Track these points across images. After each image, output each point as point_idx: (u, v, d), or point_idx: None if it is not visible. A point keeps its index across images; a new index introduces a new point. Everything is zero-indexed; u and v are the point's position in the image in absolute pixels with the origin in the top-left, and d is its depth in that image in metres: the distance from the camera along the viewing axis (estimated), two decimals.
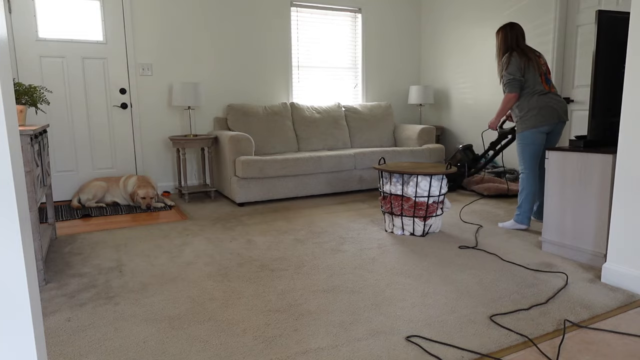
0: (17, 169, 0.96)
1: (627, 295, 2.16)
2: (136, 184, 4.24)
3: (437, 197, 3.13)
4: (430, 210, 3.12)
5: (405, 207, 3.13)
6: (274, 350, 1.72)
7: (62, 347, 1.75)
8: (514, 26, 3.29)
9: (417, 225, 3.14)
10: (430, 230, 3.22)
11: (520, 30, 3.29)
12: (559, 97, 3.22)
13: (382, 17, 5.80)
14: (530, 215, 3.27)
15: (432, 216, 3.15)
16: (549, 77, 3.27)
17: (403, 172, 3.10)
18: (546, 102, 3.15)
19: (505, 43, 3.29)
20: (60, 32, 4.31)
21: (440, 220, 3.26)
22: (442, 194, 3.16)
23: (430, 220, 3.16)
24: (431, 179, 3.08)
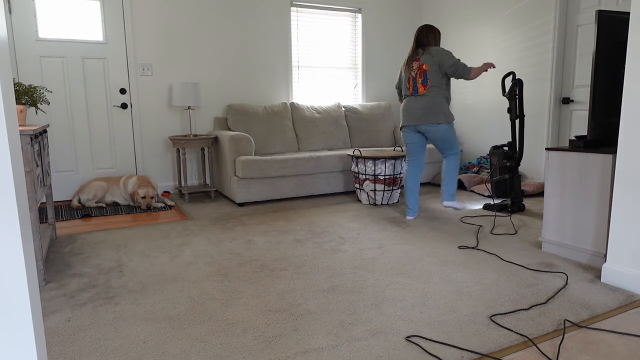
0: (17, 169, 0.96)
1: (627, 295, 2.16)
2: (136, 184, 4.24)
3: (392, 175, 4.10)
4: (387, 182, 4.09)
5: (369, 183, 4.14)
6: (274, 350, 1.72)
7: (62, 347, 1.75)
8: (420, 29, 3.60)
9: (377, 197, 4.14)
10: (389, 201, 4.18)
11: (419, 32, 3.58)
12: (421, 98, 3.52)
13: (382, 17, 5.80)
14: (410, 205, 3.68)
15: (390, 190, 4.12)
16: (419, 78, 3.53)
17: (368, 157, 4.07)
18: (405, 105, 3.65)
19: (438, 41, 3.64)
20: (60, 32, 4.31)
21: (398, 193, 4.22)
22: (399, 173, 4.13)
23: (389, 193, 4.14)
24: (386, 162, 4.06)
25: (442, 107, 3.50)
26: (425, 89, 3.50)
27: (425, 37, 3.56)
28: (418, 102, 3.53)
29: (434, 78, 3.48)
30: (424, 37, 3.56)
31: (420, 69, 3.50)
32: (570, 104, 4.49)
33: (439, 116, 3.48)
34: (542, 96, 4.62)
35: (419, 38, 3.58)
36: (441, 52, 3.46)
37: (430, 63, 3.46)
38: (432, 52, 3.47)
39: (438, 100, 3.49)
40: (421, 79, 3.52)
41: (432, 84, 3.48)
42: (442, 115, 3.49)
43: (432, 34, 3.57)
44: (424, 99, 3.51)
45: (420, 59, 3.51)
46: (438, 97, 3.49)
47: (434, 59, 3.46)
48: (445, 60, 3.43)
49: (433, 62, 3.46)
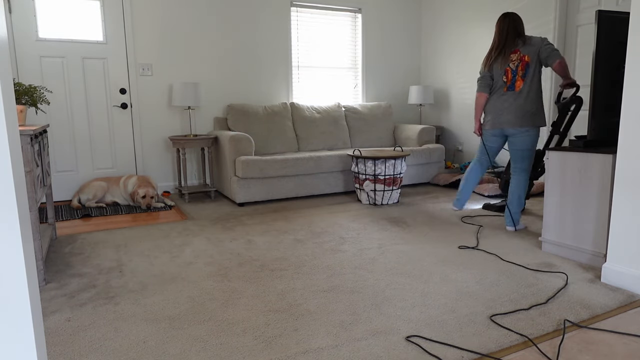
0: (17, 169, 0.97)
1: (627, 295, 2.16)
2: (136, 184, 4.24)
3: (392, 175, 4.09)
4: (387, 182, 4.07)
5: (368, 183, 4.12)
6: (274, 350, 1.72)
7: (62, 347, 1.75)
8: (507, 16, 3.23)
9: (377, 197, 4.11)
10: (389, 201, 4.15)
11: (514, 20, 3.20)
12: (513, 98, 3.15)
13: (382, 17, 5.80)
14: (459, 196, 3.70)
15: (390, 190, 4.10)
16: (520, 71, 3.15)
17: (368, 157, 4.07)
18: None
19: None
20: (60, 32, 4.31)
21: (398, 193, 4.19)
22: (399, 173, 4.12)
23: (389, 193, 4.11)
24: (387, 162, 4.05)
25: (539, 109, 3.14)
26: (522, 84, 3.13)
27: (522, 27, 3.19)
28: (515, 101, 3.15)
29: (534, 72, 3.11)
30: (521, 27, 3.18)
31: (522, 61, 3.12)
32: None
33: (531, 119, 3.12)
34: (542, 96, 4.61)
35: (517, 27, 3.17)
36: (540, 39, 3.10)
37: (532, 54, 3.10)
38: (532, 42, 3.11)
39: (536, 101, 3.15)
40: (522, 71, 3.12)
41: (531, 80, 3.12)
42: (535, 119, 3.13)
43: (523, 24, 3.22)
44: (521, 98, 3.14)
45: (520, 50, 3.13)
46: (536, 96, 3.14)
47: (535, 49, 3.09)
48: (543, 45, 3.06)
49: (534, 52, 3.09)
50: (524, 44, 3.14)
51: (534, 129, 3.16)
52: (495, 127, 3.26)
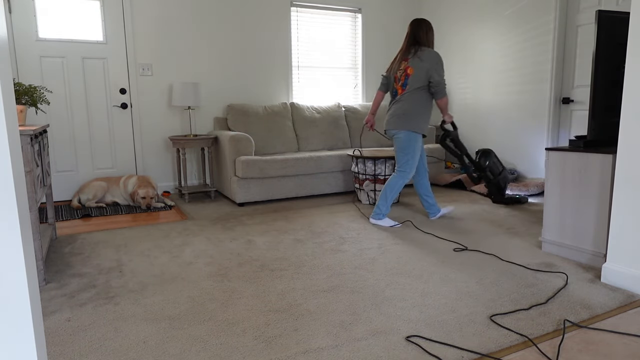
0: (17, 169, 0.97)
1: (627, 295, 2.16)
2: (136, 184, 4.24)
3: None
4: None
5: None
6: (274, 350, 1.72)
7: (62, 347, 1.75)
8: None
9: (377, 197, 4.07)
10: None
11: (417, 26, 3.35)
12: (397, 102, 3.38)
13: (382, 17, 5.80)
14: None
15: None
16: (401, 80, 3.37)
17: (368, 157, 4.08)
18: None
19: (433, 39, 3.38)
20: (60, 32, 4.31)
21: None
22: None
23: None
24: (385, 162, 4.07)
25: (411, 114, 3.29)
26: (403, 92, 3.33)
27: (424, 35, 3.30)
28: (394, 106, 3.38)
29: (414, 84, 3.27)
30: (423, 34, 3.30)
31: (405, 72, 3.30)
32: (570, 104, 4.49)
33: (401, 122, 3.30)
34: (542, 96, 4.62)
35: (416, 34, 3.31)
36: (433, 60, 3.23)
37: (417, 68, 3.24)
38: (423, 57, 3.24)
39: (406, 107, 3.30)
40: (402, 81, 3.33)
41: (411, 89, 3.29)
42: (405, 122, 3.29)
43: (431, 32, 3.33)
44: (399, 103, 3.35)
45: (409, 60, 3.29)
46: (412, 103, 3.29)
47: (423, 65, 3.23)
48: (434, 72, 3.22)
49: (421, 67, 3.24)
50: (414, 55, 3.28)
51: (403, 131, 3.31)
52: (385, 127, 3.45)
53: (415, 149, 3.34)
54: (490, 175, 4.04)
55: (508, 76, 4.98)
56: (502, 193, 4.08)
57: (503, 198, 4.07)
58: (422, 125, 3.32)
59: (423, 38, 3.31)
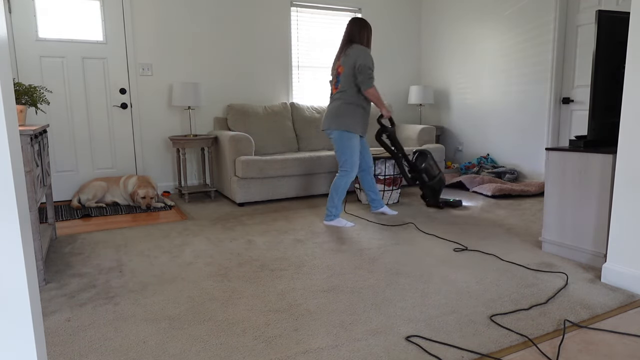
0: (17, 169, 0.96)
1: (627, 295, 2.16)
2: (136, 184, 4.24)
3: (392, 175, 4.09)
4: (387, 182, 4.08)
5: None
6: (274, 350, 1.72)
7: (62, 347, 1.75)
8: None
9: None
10: (389, 201, 4.15)
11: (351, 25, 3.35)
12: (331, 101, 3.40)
13: (382, 17, 5.80)
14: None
15: (390, 189, 4.11)
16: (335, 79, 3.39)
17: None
18: None
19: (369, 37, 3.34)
20: (60, 32, 4.31)
21: (398, 193, 4.19)
22: (398, 173, 4.10)
23: (389, 193, 4.12)
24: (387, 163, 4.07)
25: (341, 112, 3.28)
26: (336, 91, 3.34)
27: (357, 33, 3.28)
28: (329, 105, 3.39)
29: (346, 81, 3.26)
30: (356, 32, 3.28)
31: (337, 71, 3.33)
32: (570, 104, 4.49)
33: (332, 122, 3.30)
34: (542, 96, 4.62)
35: (350, 34, 3.29)
36: (358, 52, 3.21)
37: (345, 65, 3.25)
38: (350, 53, 3.23)
39: (340, 104, 3.29)
40: (335, 81, 3.35)
41: (342, 88, 3.29)
42: (336, 121, 3.28)
43: (366, 31, 3.29)
44: (331, 102, 3.37)
45: (341, 59, 3.30)
46: (342, 101, 3.29)
47: (349, 60, 3.22)
48: (361, 64, 3.18)
49: (348, 63, 3.23)
50: (344, 53, 3.28)
51: (336, 131, 3.31)
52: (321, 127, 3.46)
53: (352, 147, 3.31)
54: (426, 178, 3.92)
55: (508, 76, 4.98)
56: (436, 196, 3.97)
57: (437, 202, 3.97)
58: (353, 124, 3.28)
59: (356, 37, 3.29)
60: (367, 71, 3.18)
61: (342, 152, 3.33)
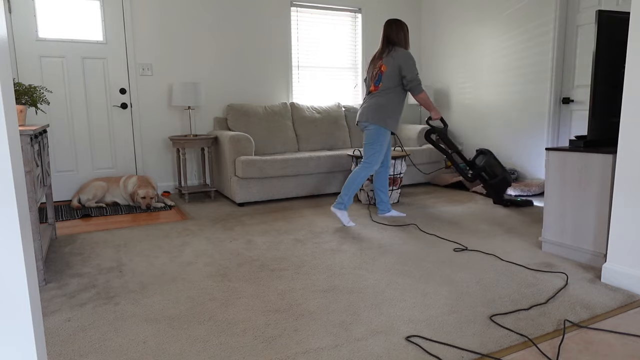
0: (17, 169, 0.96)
1: (627, 295, 2.16)
2: (136, 184, 4.24)
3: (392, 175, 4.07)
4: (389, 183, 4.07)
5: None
6: (274, 350, 1.72)
7: (62, 347, 1.75)
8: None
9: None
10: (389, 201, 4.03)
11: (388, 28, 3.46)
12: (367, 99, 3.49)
13: (382, 17, 5.80)
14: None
15: (391, 190, 4.09)
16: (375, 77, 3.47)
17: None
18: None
19: (406, 38, 3.46)
20: (60, 32, 4.31)
21: (398, 193, 4.19)
22: (399, 173, 4.09)
23: (389, 193, 4.03)
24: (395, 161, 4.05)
25: (382, 109, 3.37)
26: (375, 90, 3.43)
27: (395, 35, 3.40)
28: (368, 101, 3.46)
29: (388, 81, 3.37)
30: (394, 35, 3.40)
31: (379, 69, 3.41)
32: (570, 104, 4.49)
33: (371, 115, 3.39)
34: (542, 96, 4.62)
35: (389, 36, 3.42)
36: (404, 57, 3.32)
37: (389, 66, 3.35)
38: (395, 56, 3.34)
39: (380, 100, 3.39)
40: (375, 78, 3.44)
41: (384, 86, 3.38)
42: (375, 116, 3.37)
43: (402, 32, 3.41)
44: (370, 98, 3.46)
45: (383, 59, 3.39)
46: (384, 99, 3.38)
47: (395, 62, 3.33)
48: (406, 68, 3.31)
49: (393, 65, 3.34)
50: (387, 54, 3.38)
51: (373, 125, 3.39)
52: (358, 119, 3.55)
53: (383, 143, 3.42)
54: (486, 176, 3.99)
55: (508, 76, 4.98)
56: (500, 195, 4.02)
57: (501, 200, 4.02)
58: (390, 122, 3.41)
59: (394, 38, 3.41)
60: (417, 78, 3.33)
61: (373, 146, 3.41)
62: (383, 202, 3.70)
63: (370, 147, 3.43)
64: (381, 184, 3.71)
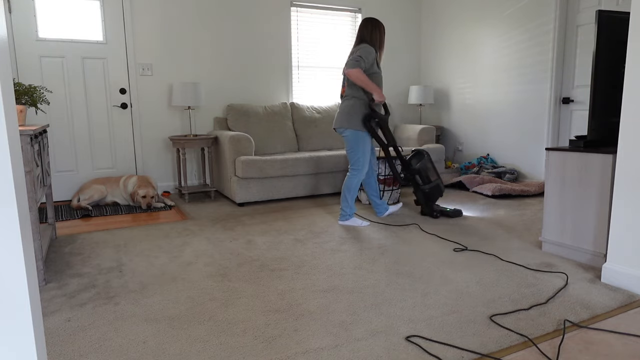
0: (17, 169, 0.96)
1: (627, 295, 2.16)
2: (136, 184, 4.24)
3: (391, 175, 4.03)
4: (387, 182, 4.05)
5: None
6: (274, 350, 1.72)
7: (62, 347, 1.75)
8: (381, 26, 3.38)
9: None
10: (389, 201, 4.10)
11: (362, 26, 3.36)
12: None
13: (382, 17, 5.80)
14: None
15: (391, 189, 4.08)
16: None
17: None
18: None
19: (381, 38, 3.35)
20: (60, 32, 4.31)
21: (398, 193, 4.16)
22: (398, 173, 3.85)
23: (389, 193, 4.09)
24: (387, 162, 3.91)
25: (353, 111, 3.30)
26: (344, 91, 3.38)
27: (368, 33, 3.29)
28: (341, 103, 3.42)
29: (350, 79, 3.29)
30: (367, 33, 3.29)
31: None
32: (570, 104, 4.49)
33: (345, 121, 3.32)
34: (542, 96, 4.62)
35: (362, 34, 3.30)
36: (363, 50, 3.20)
37: None
38: (355, 51, 3.24)
39: (349, 103, 3.33)
40: (344, 77, 3.39)
41: (349, 86, 3.32)
42: (348, 120, 3.31)
43: (376, 30, 3.29)
44: (344, 101, 3.39)
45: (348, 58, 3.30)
46: (350, 100, 3.33)
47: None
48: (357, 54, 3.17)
49: None
50: (351, 53, 3.28)
51: (349, 130, 3.33)
52: (333, 125, 3.46)
53: (365, 145, 3.36)
54: (419, 180, 3.64)
55: (508, 76, 4.98)
56: (430, 204, 3.65)
57: (430, 210, 3.64)
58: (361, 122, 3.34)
59: (367, 37, 3.30)
60: (359, 60, 3.16)
61: (355, 151, 3.36)
62: (378, 204, 3.65)
63: (353, 152, 3.37)
64: (371, 189, 3.61)
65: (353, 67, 3.16)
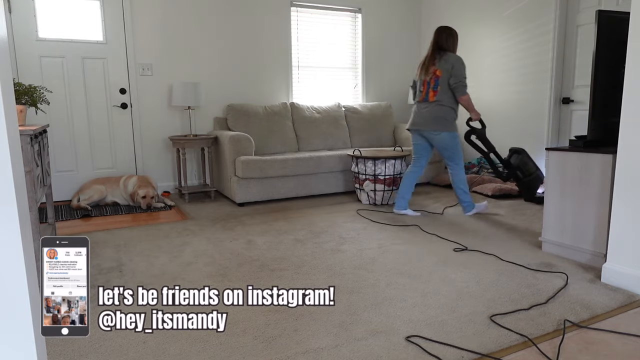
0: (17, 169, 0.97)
1: (627, 295, 2.16)
2: (136, 184, 4.24)
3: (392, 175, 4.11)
4: (387, 182, 4.10)
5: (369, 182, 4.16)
6: (274, 350, 1.72)
7: (62, 347, 1.75)
8: None
9: (377, 197, 4.12)
10: (389, 201, 4.14)
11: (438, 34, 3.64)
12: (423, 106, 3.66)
13: (382, 17, 5.80)
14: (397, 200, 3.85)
15: (391, 190, 4.12)
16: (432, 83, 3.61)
17: (368, 157, 4.11)
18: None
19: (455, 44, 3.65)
20: (60, 32, 4.31)
21: None
22: (399, 173, 4.13)
23: (389, 193, 4.12)
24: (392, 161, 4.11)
25: (447, 115, 3.57)
26: (434, 96, 3.57)
27: (444, 41, 3.58)
28: (427, 109, 3.62)
29: (444, 85, 3.53)
30: (443, 40, 3.58)
31: (434, 74, 3.56)
32: (570, 104, 4.49)
33: (440, 124, 3.58)
34: (542, 96, 4.62)
35: (438, 41, 3.59)
36: (457, 61, 3.51)
37: (444, 70, 3.51)
38: (447, 59, 3.51)
39: (444, 109, 3.56)
40: (433, 84, 3.58)
41: (442, 90, 3.54)
42: (444, 124, 3.57)
43: (452, 38, 3.60)
44: (432, 106, 3.59)
45: (436, 64, 3.55)
46: (445, 105, 3.56)
47: (447, 65, 3.49)
48: (455, 70, 3.48)
49: (446, 68, 3.50)
50: (440, 59, 3.54)
51: (445, 132, 3.60)
52: (413, 127, 3.76)
53: (459, 143, 3.69)
54: (520, 175, 4.11)
55: (508, 76, 4.98)
56: (532, 193, 4.13)
57: (533, 197, 4.12)
58: (455, 125, 3.68)
59: (444, 44, 3.58)
60: (463, 80, 3.52)
61: (453, 150, 3.65)
62: (402, 200, 3.83)
63: (452, 152, 3.65)
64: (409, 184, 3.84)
65: (464, 93, 3.55)
